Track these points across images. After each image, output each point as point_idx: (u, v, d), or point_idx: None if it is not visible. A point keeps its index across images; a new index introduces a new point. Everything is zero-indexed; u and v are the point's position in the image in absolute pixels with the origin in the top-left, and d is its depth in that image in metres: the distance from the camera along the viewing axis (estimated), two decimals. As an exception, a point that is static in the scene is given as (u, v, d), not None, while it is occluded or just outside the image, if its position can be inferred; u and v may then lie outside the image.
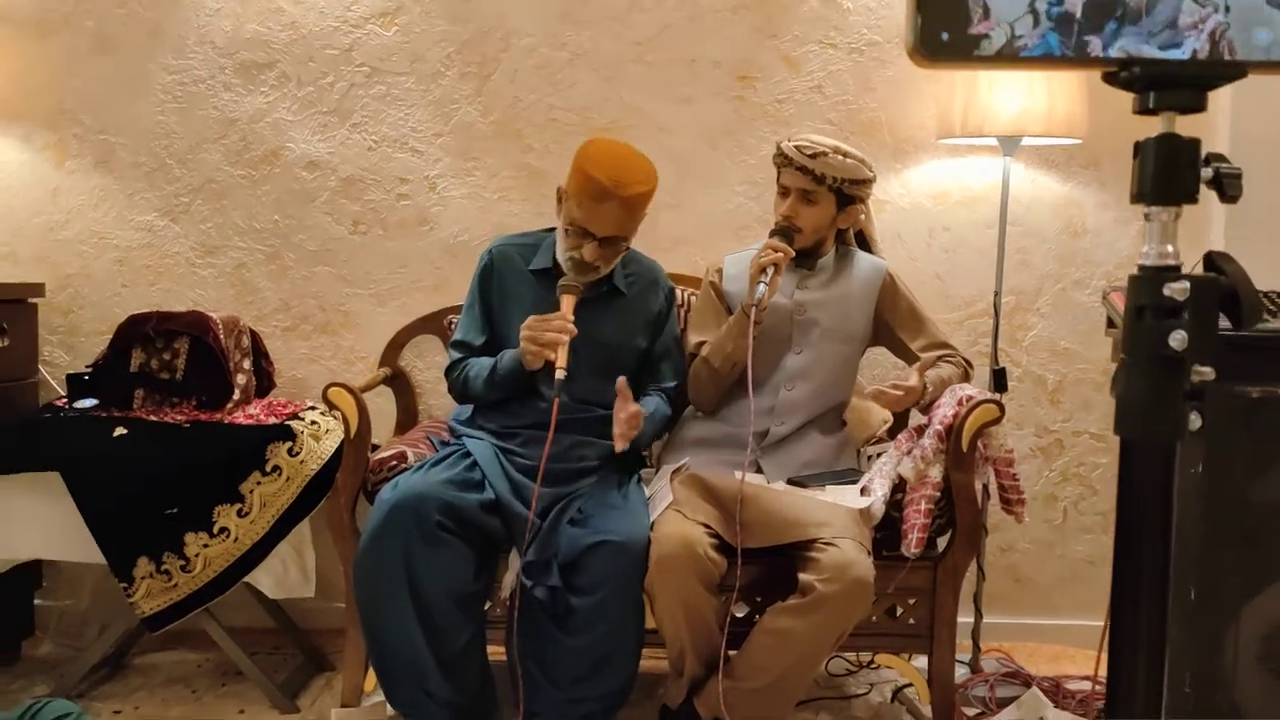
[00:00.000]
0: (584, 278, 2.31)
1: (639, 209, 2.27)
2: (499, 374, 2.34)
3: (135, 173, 2.90)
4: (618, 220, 2.24)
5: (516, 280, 2.42)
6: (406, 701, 2.22)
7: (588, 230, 2.26)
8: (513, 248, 2.47)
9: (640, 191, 2.23)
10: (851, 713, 2.50)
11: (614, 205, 2.21)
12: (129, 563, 2.33)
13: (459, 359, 2.44)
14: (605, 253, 2.29)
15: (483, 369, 2.37)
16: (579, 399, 2.37)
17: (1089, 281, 2.90)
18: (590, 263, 2.29)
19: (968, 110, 2.54)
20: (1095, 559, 2.94)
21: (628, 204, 2.22)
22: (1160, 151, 1.09)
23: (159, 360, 2.56)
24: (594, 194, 2.21)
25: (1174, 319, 1.08)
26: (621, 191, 2.20)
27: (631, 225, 2.29)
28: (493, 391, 2.37)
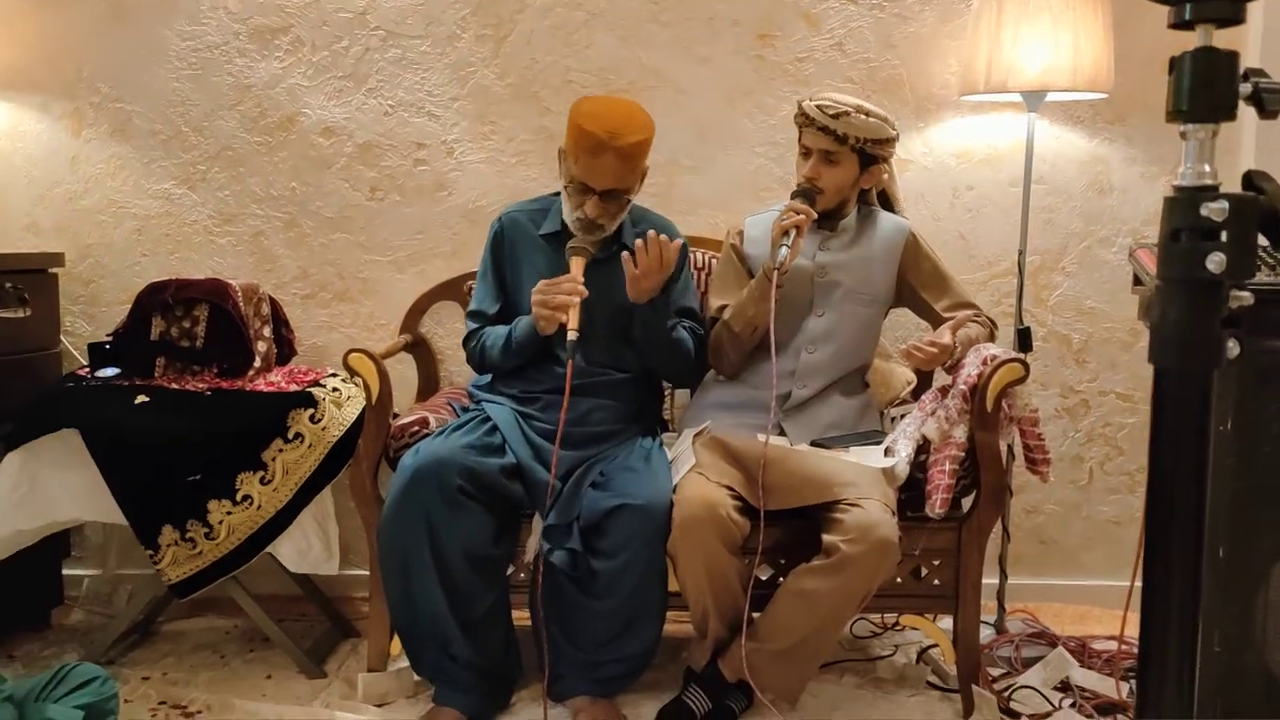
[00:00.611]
0: (592, 238, 2.29)
1: (637, 159, 2.24)
2: (514, 341, 2.33)
3: (152, 141, 2.89)
4: (616, 172, 2.21)
5: (528, 246, 2.41)
6: (432, 666, 2.24)
7: (587, 186, 2.24)
8: (522, 213, 2.45)
9: (636, 140, 2.20)
10: (876, 674, 2.49)
11: (610, 157, 2.19)
12: (154, 530, 2.34)
13: (475, 329, 2.44)
14: (608, 207, 2.26)
15: (499, 337, 2.37)
16: (596, 362, 2.36)
17: (1115, 239, 2.86)
18: (595, 220, 2.27)
19: (991, 66, 2.49)
20: (1121, 520, 2.92)
21: (624, 154, 2.19)
22: (1198, 65, 1.05)
23: (179, 328, 2.56)
24: (590, 148, 2.19)
25: (1211, 241, 1.05)
26: (616, 142, 2.17)
27: (631, 177, 2.26)
28: (509, 359, 2.36)
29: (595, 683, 2.22)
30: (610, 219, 2.30)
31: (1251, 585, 2.11)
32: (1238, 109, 1.06)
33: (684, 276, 2.48)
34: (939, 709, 2.32)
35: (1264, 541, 2.10)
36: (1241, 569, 2.11)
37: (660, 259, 2.21)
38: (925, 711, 2.31)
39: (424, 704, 2.28)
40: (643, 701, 2.29)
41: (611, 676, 2.24)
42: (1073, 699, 2.30)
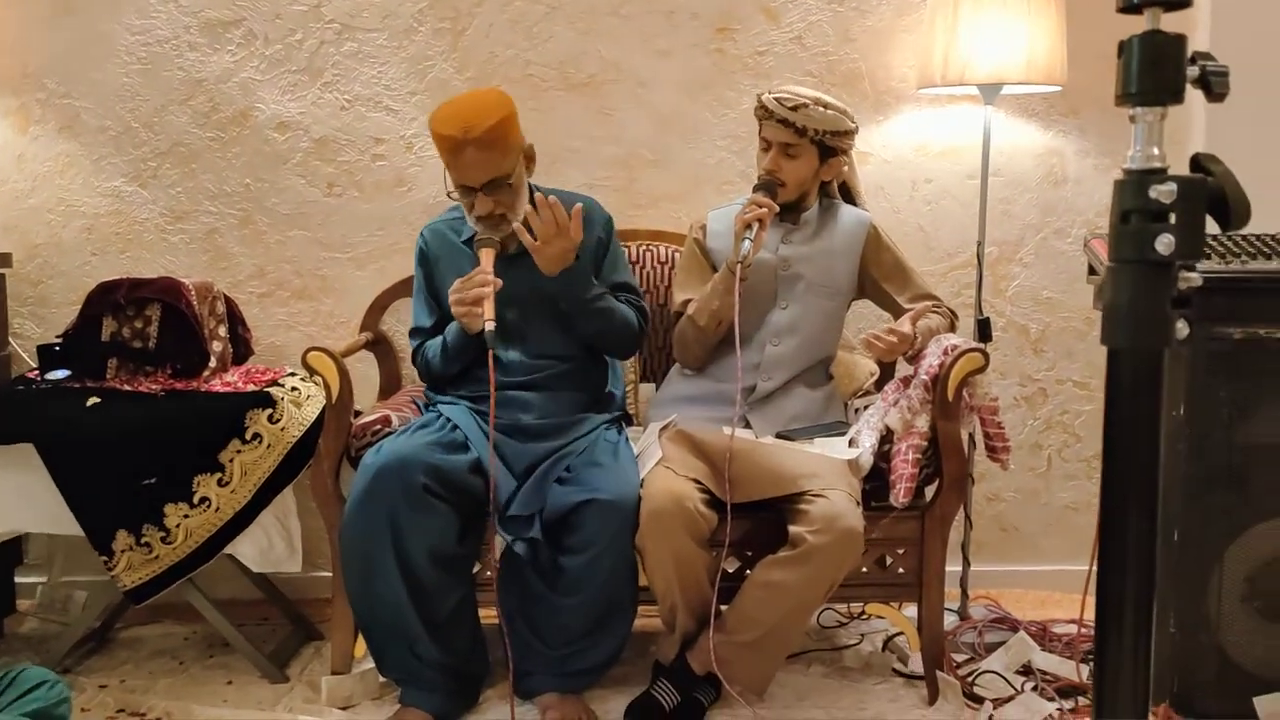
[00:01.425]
0: (499, 232, 2.27)
1: (500, 144, 2.19)
2: (450, 346, 2.33)
3: (101, 137, 2.84)
4: (484, 163, 2.19)
5: (452, 255, 2.39)
6: (398, 667, 2.22)
7: (466, 185, 2.23)
8: (443, 224, 2.45)
9: (489, 126, 2.16)
10: (843, 663, 2.51)
11: (472, 151, 2.16)
12: (108, 536, 2.30)
13: (418, 345, 2.44)
14: (498, 198, 2.23)
15: (437, 347, 2.38)
16: (537, 355, 2.36)
17: (1070, 230, 2.90)
18: (491, 214, 2.24)
19: (947, 60, 2.51)
20: (1079, 506, 2.97)
21: (483, 144, 2.16)
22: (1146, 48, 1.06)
23: (131, 329, 2.51)
24: (451, 149, 2.18)
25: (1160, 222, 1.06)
26: (471, 135, 2.15)
27: (504, 162, 2.21)
28: (450, 365, 2.36)
29: (563, 679, 2.22)
30: (508, 209, 2.26)
31: (1205, 567, 2.15)
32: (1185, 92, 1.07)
33: (611, 252, 2.44)
34: (905, 695, 2.34)
35: (1217, 524, 2.14)
36: (1195, 552, 2.15)
37: (555, 222, 2.17)
38: (891, 698, 2.33)
39: (389, 706, 2.26)
40: (611, 696, 2.29)
41: (580, 672, 2.23)
42: (1034, 682, 2.34)
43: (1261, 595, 2.15)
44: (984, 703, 2.25)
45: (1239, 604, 2.16)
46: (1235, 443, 2.13)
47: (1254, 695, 2.11)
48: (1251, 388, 2.12)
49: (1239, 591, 2.16)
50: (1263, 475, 2.12)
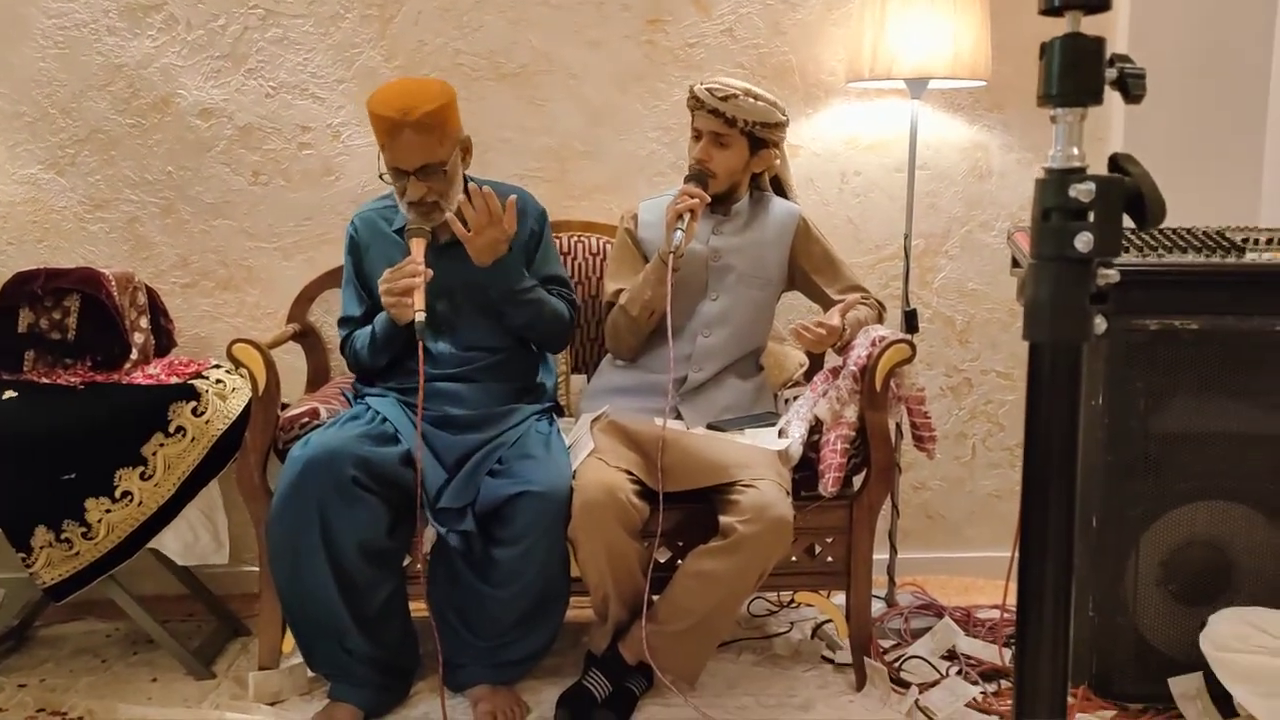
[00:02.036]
0: (430, 221, 2.25)
1: (438, 130, 2.18)
2: (378, 336, 2.31)
3: (16, 123, 2.74)
4: (420, 147, 2.17)
5: (383, 244, 2.37)
6: (327, 662, 2.20)
7: (400, 169, 2.21)
8: (374, 212, 2.42)
9: (429, 110, 2.15)
10: (773, 651, 2.54)
11: (409, 133, 2.15)
12: (26, 532, 2.23)
13: (346, 335, 2.41)
14: (431, 184, 2.22)
15: (365, 336, 2.35)
16: (467, 345, 2.34)
17: (994, 223, 2.95)
18: (422, 199, 2.22)
19: (875, 54, 2.54)
20: (1002, 493, 3.03)
21: (421, 127, 2.15)
22: (1066, 50, 1.09)
23: (49, 320, 2.44)
24: (387, 130, 2.16)
25: (1080, 220, 1.09)
26: (410, 117, 2.13)
27: (440, 149, 2.20)
28: (379, 356, 2.34)
29: (495, 670, 2.21)
30: (442, 197, 2.24)
31: (1122, 552, 2.22)
32: (1104, 93, 1.10)
33: (544, 245, 2.43)
34: (833, 681, 2.38)
35: (1134, 511, 2.21)
36: (1113, 537, 2.22)
37: (489, 211, 2.16)
38: (820, 685, 2.37)
39: (318, 701, 2.23)
40: (543, 687, 2.29)
41: (511, 663, 2.23)
42: (959, 666, 2.39)
43: (1175, 579, 2.22)
44: (910, 687, 2.30)
45: (1154, 588, 2.23)
46: (1151, 431, 2.19)
47: (1169, 676, 2.18)
48: (1167, 378, 2.18)
49: (1154, 575, 2.23)
50: (1176, 463, 2.19)
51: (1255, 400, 2.18)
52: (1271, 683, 1.95)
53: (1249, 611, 2.08)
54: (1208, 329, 2.16)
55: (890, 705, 2.25)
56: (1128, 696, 2.23)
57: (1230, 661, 2.01)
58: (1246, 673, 1.99)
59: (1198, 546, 2.22)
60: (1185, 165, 2.77)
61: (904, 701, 2.25)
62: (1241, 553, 2.21)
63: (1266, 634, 2.00)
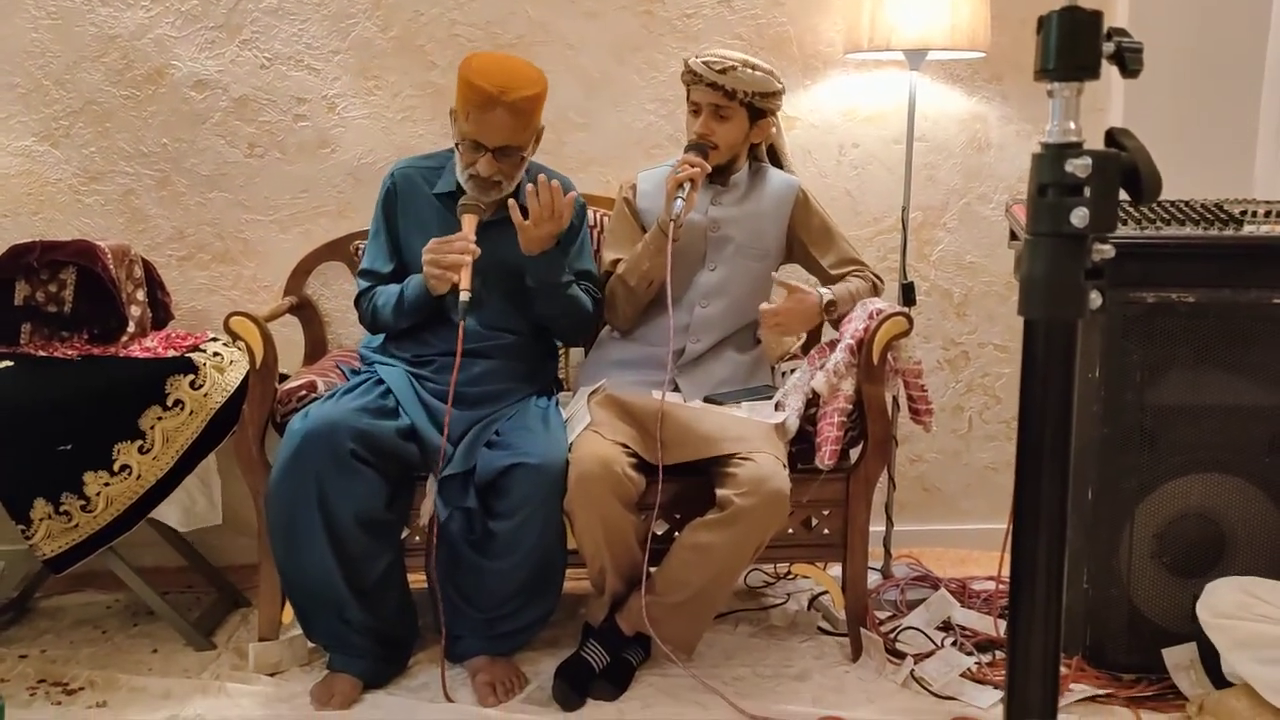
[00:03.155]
0: (486, 197, 2.25)
1: (529, 115, 2.20)
2: (406, 301, 2.29)
3: (9, 95, 2.73)
4: (508, 128, 2.17)
5: (421, 204, 2.35)
6: (326, 632, 2.21)
7: (479, 143, 2.20)
8: (415, 171, 2.39)
9: (527, 95, 2.16)
10: (770, 622, 2.56)
11: (501, 112, 2.15)
12: (25, 504, 2.24)
13: (367, 288, 2.38)
14: (501, 165, 2.22)
15: (390, 296, 2.32)
16: (490, 325, 2.34)
17: (992, 196, 2.95)
18: (489, 178, 2.22)
19: (874, 24, 2.53)
20: (998, 465, 3.04)
21: (515, 109, 2.15)
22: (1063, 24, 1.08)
23: (45, 292, 2.44)
24: (480, 103, 2.15)
25: (1076, 196, 1.09)
26: (507, 97, 2.13)
27: (524, 134, 2.21)
28: (401, 319, 2.32)
29: (493, 641, 2.23)
30: (506, 178, 2.25)
31: (1117, 525, 2.23)
32: (1101, 67, 1.10)
33: (581, 238, 2.45)
34: (829, 652, 2.40)
35: (1129, 483, 2.22)
36: (1108, 509, 2.23)
37: (551, 206, 2.17)
38: (816, 655, 2.38)
39: (318, 672, 2.25)
40: (541, 659, 2.31)
41: (509, 634, 2.24)
42: (954, 637, 2.41)
43: (1169, 551, 2.24)
44: (905, 658, 2.31)
45: (1149, 560, 2.24)
46: (1146, 404, 2.20)
47: (1162, 647, 2.20)
48: (1163, 351, 2.18)
49: (1149, 548, 2.24)
50: (1172, 435, 2.20)
51: (1251, 373, 2.18)
52: (1270, 649, 1.96)
53: (1247, 581, 2.09)
54: (1205, 302, 2.16)
55: (886, 675, 2.27)
56: (1121, 667, 2.25)
57: (1229, 628, 2.02)
58: (1245, 640, 2.00)
59: (1192, 519, 2.23)
60: (1184, 137, 2.76)
61: (899, 672, 2.27)
62: (1236, 525, 2.22)
63: (1265, 602, 2.01)
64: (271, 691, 2.20)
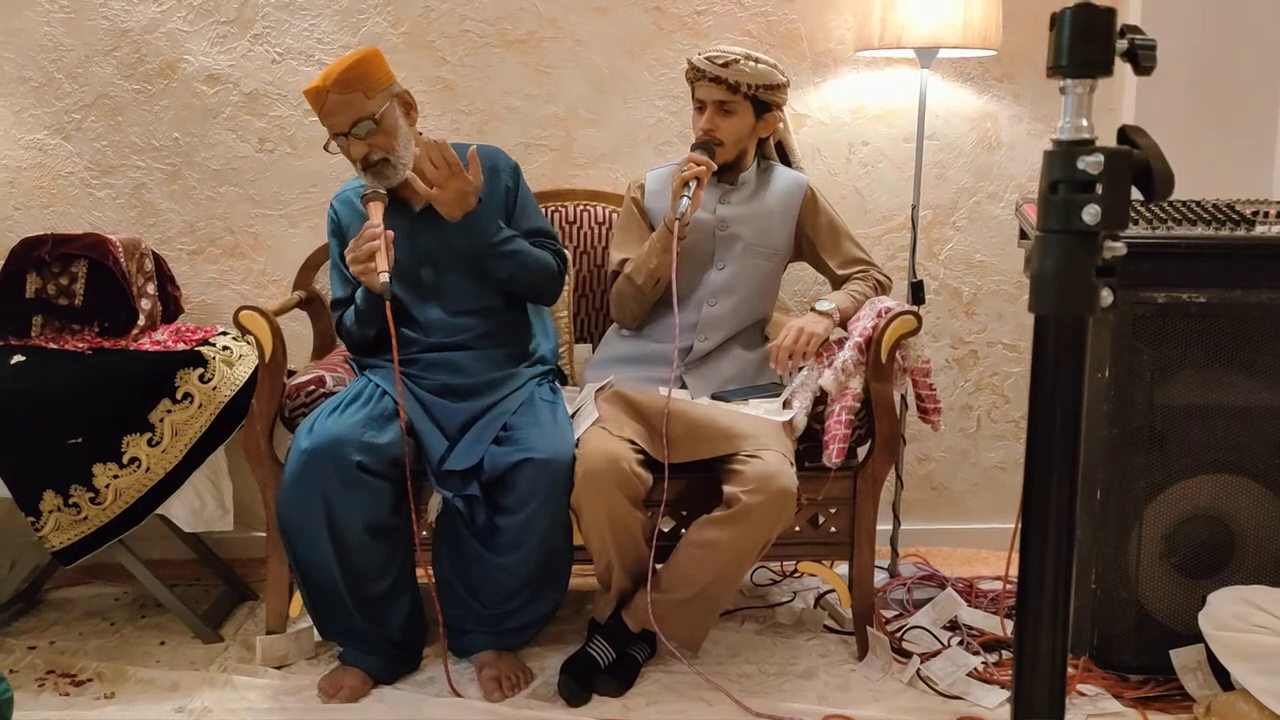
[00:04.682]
0: (386, 181, 2.24)
1: (358, 83, 2.18)
2: (360, 309, 2.31)
3: (22, 88, 2.74)
4: (344, 105, 2.17)
5: (361, 223, 2.35)
6: (338, 630, 2.22)
7: (336, 133, 2.22)
8: (350, 192, 2.41)
9: (345, 68, 2.17)
10: (776, 620, 2.56)
11: (332, 95, 2.16)
12: (35, 496, 2.25)
13: (339, 316, 2.41)
14: (370, 141, 2.20)
15: (352, 312, 2.35)
16: (457, 312, 2.34)
17: (1003, 195, 2.94)
18: (369, 159, 2.21)
19: (885, 22, 2.52)
20: (1007, 465, 3.04)
21: (342, 84, 2.16)
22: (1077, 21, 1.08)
23: (56, 285, 2.45)
24: (315, 102, 2.19)
25: (1087, 193, 1.09)
26: (329, 81, 2.16)
27: (368, 103, 2.19)
28: (366, 327, 2.34)
29: (499, 636, 2.23)
30: (386, 151, 2.22)
31: (1125, 525, 2.22)
32: (1114, 64, 1.09)
33: (520, 199, 2.42)
34: (835, 651, 2.39)
35: (1138, 483, 2.21)
36: (1116, 510, 2.22)
37: (446, 162, 2.17)
38: (822, 654, 2.38)
39: (325, 665, 2.26)
40: (547, 654, 2.31)
41: (516, 630, 2.24)
42: (961, 637, 2.40)
43: (1178, 552, 2.23)
44: (912, 657, 2.31)
45: (1157, 560, 2.23)
46: (1156, 404, 2.19)
47: (1170, 648, 2.19)
48: (1173, 351, 2.18)
49: (1157, 548, 2.23)
50: (1181, 436, 2.19)
51: (1262, 374, 2.17)
52: (1270, 660, 1.96)
53: (1248, 590, 2.08)
54: (1215, 302, 2.15)
55: (892, 674, 2.27)
56: (1128, 668, 2.24)
57: (1229, 640, 2.02)
58: (1245, 651, 1.99)
59: (1201, 520, 2.22)
60: (1198, 137, 2.75)
61: (905, 671, 2.26)
62: (1245, 526, 2.21)
63: (1265, 612, 2.00)
64: (278, 684, 2.21)
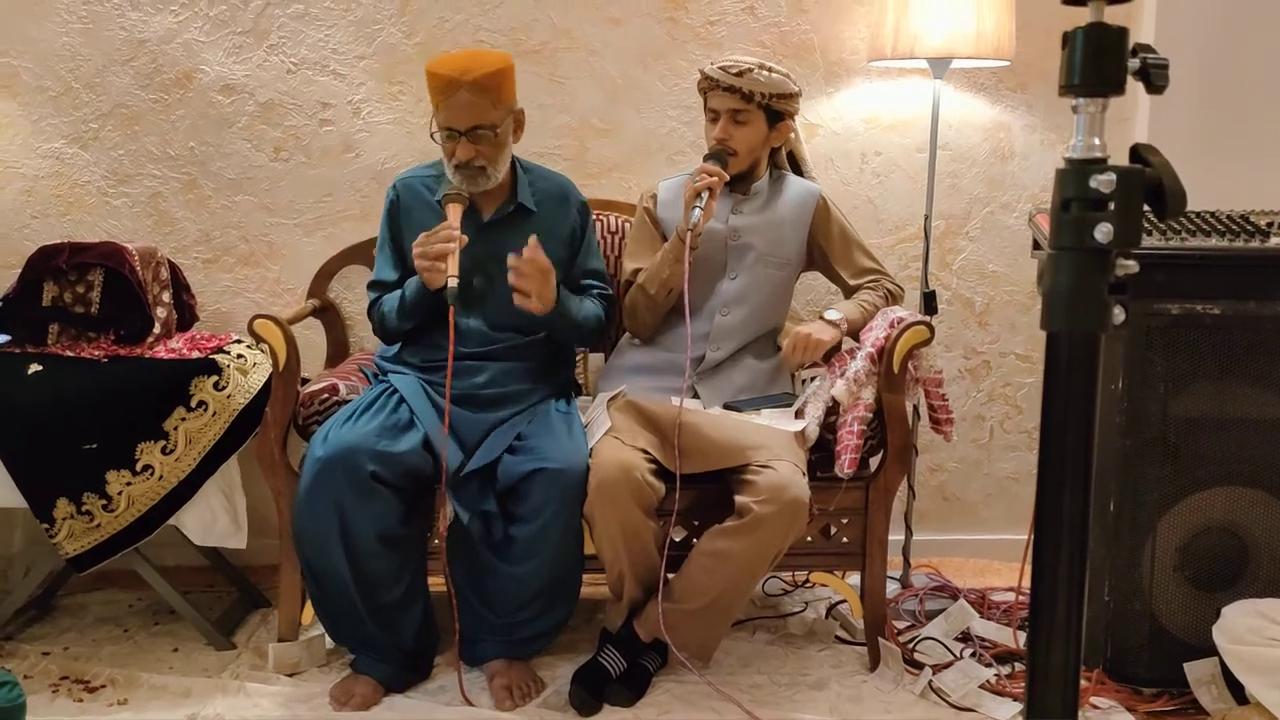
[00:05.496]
0: (474, 186, 2.26)
1: (494, 92, 2.20)
2: (407, 300, 2.31)
3: (40, 98, 2.76)
4: (473, 107, 2.18)
5: (424, 212, 2.37)
6: (351, 637, 2.23)
7: (451, 129, 2.22)
8: (416, 180, 2.41)
9: (487, 72, 2.17)
10: (787, 630, 2.55)
11: (465, 93, 2.17)
12: (49, 504, 2.26)
13: (376, 298, 2.41)
14: (480, 149, 2.22)
15: (394, 300, 2.34)
16: (496, 325, 2.34)
17: (1016, 205, 2.93)
18: (468, 162, 2.23)
19: (898, 32, 2.52)
20: (1020, 476, 3.03)
21: (478, 87, 2.17)
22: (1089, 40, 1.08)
23: (73, 294, 2.46)
24: (443, 89, 2.18)
25: (1099, 211, 1.09)
26: (468, 77, 2.16)
27: (492, 112, 2.21)
28: (405, 320, 2.33)
29: (511, 645, 2.23)
30: (488, 161, 2.25)
31: (1139, 537, 2.21)
32: (1126, 83, 1.10)
33: (586, 239, 2.45)
34: (847, 661, 2.39)
35: (1151, 495, 2.20)
36: (1130, 522, 2.21)
37: (541, 273, 2.19)
38: (834, 664, 2.37)
39: (336, 673, 2.26)
40: (559, 663, 2.31)
41: (527, 639, 2.25)
42: (973, 648, 2.39)
43: (1192, 564, 2.22)
44: (924, 668, 2.30)
45: (1171, 573, 2.22)
46: (1170, 416, 2.18)
47: (1184, 661, 2.18)
48: (1187, 362, 2.17)
49: (1171, 561, 2.22)
50: (1195, 447, 2.18)
51: (1276, 386, 2.16)
52: (1283, 672, 1.95)
53: (1262, 603, 2.07)
54: (1229, 314, 2.14)
55: (904, 686, 2.26)
56: (1142, 681, 2.23)
57: (1243, 654, 2.01)
58: (1260, 664, 1.98)
59: (1215, 532, 2.21)
60: (1211, 147, 2.74)
61: (917, 682, 2.26)
62: (1259, 539, 2.20)
63: (1278, 624, 1.99)
64: (290, 691, 2.22)
